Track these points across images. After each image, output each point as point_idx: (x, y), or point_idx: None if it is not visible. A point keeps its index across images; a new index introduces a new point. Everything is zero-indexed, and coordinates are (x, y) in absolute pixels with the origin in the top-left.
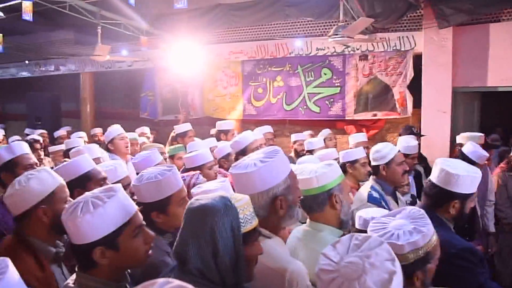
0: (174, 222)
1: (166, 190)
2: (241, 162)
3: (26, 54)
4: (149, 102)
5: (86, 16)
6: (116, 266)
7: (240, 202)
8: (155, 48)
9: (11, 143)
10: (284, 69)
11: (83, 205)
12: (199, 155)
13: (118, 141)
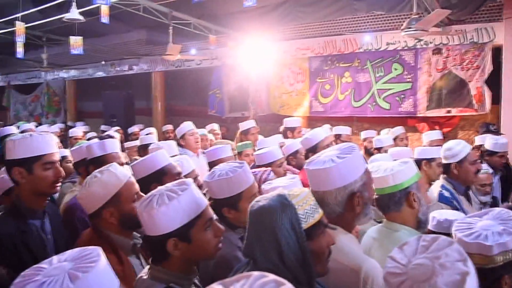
0: (245, 217)
1: (237, 187)
2: (317, 158)
3: (102, 55)
4: (217, 99)
5: (158, 17)
6: (187, 258)
7: (298, 198)
8: (223, 47)
9: (105, 141)
10: (353, 64)
11: (159, 197)
12: (269, 152)
13: (189, 137)
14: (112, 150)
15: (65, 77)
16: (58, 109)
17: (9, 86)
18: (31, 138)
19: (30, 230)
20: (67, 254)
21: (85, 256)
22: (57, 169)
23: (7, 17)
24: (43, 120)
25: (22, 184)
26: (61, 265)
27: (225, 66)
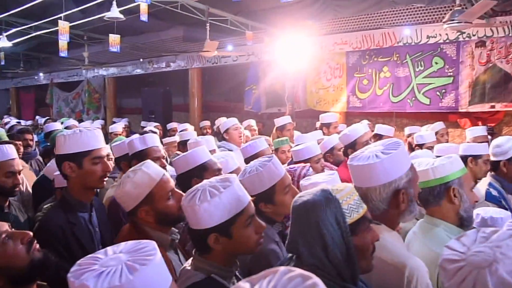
0: (282, 210)
1: (269, 180)
2: (361, 154)
3: (140, 52)
4: (253, 95)
5: (195, 14)
6: (228, 252)
7: (342, 192)
8: (260, 42)
9: (145, 135)
10: (391, 59)
11: (201, 193)
12: (306, 148)
13: (233, 131)
14: (153, 144)
15: (105, 75)
16: (98, 105)
17: (52, 84)
18: (80, 134)
19: (79, 222)
20: (122, 246)
21: (141, 249)
22: (105, 163)
23: (50, 17)
24: (84, 116)
25: (71, 178)
26: (117, 256)
27: (261, 62)
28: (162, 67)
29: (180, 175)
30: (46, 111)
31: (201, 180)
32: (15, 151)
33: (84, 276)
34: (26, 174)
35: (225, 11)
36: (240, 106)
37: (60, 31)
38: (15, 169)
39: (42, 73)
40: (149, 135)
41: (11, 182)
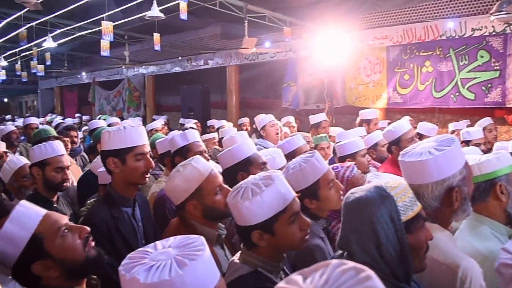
0: (327, 205)
1: (312, 176)
2: (413, 150)
3: (179, 50)
4: (291, 92)
5: (233, 11)
6: (273, 248)
7: (396, 189)
8: (298, 38)
9: (186, 131)
10: (434, 53)
11: (244, 191)
12: (351, 142)
13: (270, 128)
14: (194, 139)
15: (145, 73)
16: (138, 103)
17: (94, 83)
18: (125, 130)
19: (123, 217)
20: (171, 240)
21: (190, 244)
22: (148, 160)
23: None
24: (125, 114)
25: (115, 173)
26: (166, 250)
27: (299, 58)
28: (200, 64)
29: (226, 170)
30: (89, 109)
31: (247, 174)
32: (63, 147)
33: (134, 270)
34: (72, 169)
35: (263, 8)
36: (278, 103)
37: (103, 31)
38: (63, 164)
39: (84, 72)
40: (190, 131)
41: (60, 177)
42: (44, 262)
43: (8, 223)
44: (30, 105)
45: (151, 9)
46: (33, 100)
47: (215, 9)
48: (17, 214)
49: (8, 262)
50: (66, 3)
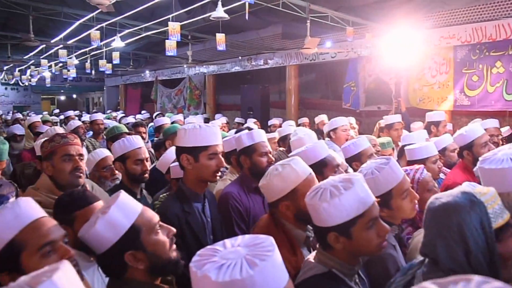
0: (399, 215)
1: (386, 185)
2: (493, 156)
3: (239, 50)
4: (352, 92)
5: (295, 11)
6: (349, 251)
7: (486, 196)
8: (360, 38)
9: (253, 131)
10: (506, 53)
11: (322, 192)
12: (423, 147)
13: (341, 132)
14: (260, 139)
15: (205, 72)
16: (198, 102)
17: (157, 81)
18: (200, 129)
19: (193, 212)
20: (240, 239)
21: (260, 244)
22: (220, 159)
23: (157, 18)
24: (185, 112)
25: (188, 170)
26: (236, 249)
27: (361, 58)
28: (260, 64)
29: None
30: (151, 106)
31: (321, 176)
32: (141, 140)
33: (206, 267)
34: None
35: (326, 7)
36: (338, 104)
37: (170, 32)
38: (142, 156)
39: (148, 71)
40: (256, 130)
41: (140, 169)
42: (136, 253)
43: (114, 208)
44: (96, 101)
45: (216, 10)
46: (99, 97)
47: (276, 9)
48: (122, 201)
49: (97, 247)
50: (134, 5)
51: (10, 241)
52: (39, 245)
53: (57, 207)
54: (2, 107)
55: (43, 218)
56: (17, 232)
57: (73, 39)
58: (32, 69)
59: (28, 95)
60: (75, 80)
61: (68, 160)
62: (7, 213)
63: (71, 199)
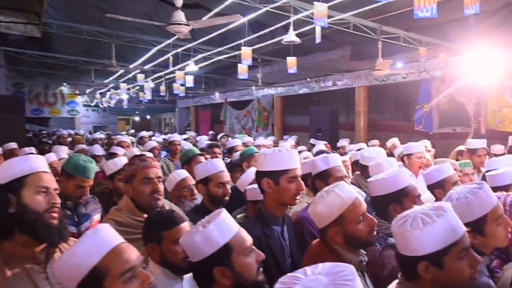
0: (492, 242)
1: (480, 209)
2: None
3: (307, 72)
4: (424, 114)
5: (366, 33)
6: (438, 282)
7: None
8: (433, 58)
9: (328, 155)
10: None
11: (413, 220)
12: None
13: (415, 159)
14: (335, 164)
15: (273, 94)
16: (266, 123)
17: (226, 103)
18: (279, 153)
19: (273, 235)
20: (320, 267)
21: (340, 273)
22: (299, 183)
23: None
24: (253, 133)
25: (268, 193)
26: (317, 277)
27: (434, 78)
28: (328, 86)
29: (376, 198)
30: (220, 127)
31: (400, 206)
32: (223, 164)
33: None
34: None
35: (397, 28)
36: (409, 125)
37: (242, 56)
38: (224, 180)
39: (217, 93)
40: (332, 155)
41: (222, 191)
42: (224, 269)
43: (212, 225)
44: (168, 122)
45: (288, 34)
46: (171, 118)
47: (346, 31)
48: (222, 220)
49: (192, 256)
50: (208, 31)
51: (93, 268)
52: (121, 271)
53: (147, 226)
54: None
55: (123, 244)
56: (99, 259)
57: (150, 64)
58: (112, 92)
59: (106, 116)
60: (149, 101)
61: (148, 183)
62: (88, 240)
63: (160, 220)
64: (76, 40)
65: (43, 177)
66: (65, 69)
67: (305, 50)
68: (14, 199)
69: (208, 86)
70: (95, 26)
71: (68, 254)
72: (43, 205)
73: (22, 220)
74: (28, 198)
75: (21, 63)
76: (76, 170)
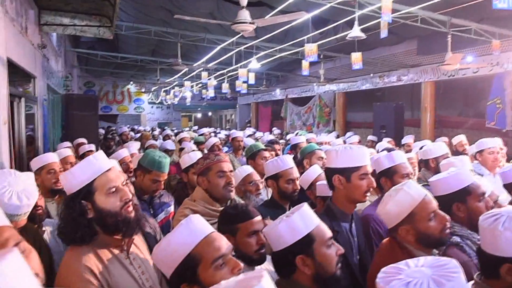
0: None
1: None
2: None
3: (371, 67)
4: (497, 110)
5: (435, 26)
6: None
7: None
8: (507, 51)
9: (392, 152)
10: None
11: (506, 219)
12: None
13: (487, 155)
14: (401, 161)
15: (335, 90)
16: (328, 119)
17: (287, 99)
18: (351, 150)
19: (342, 231)
20: (422, 260)
21: (444, 266)
22: (370, 179)
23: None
24: (314, 129)
25: (339, 190)
26: (420, 269)
27: (508, 72)
28: (392, 81)
29: (439, 197)
30: (280, 123)
31: (464, 205)
32: (292, 161)
33: (393, 283)
34: None
35: (468, 20)
36: (480, 122)
37: (306, 53)
38: (293, 176)
39: (278, 89)
40: (396, 152)
41: (291, 188)
42: (306, 258)
43: (296, 215)
44: (228, 118)
45: (353, 29)
46: (232, 114)
47: (412, 25)
48: (304, 211)
49: (275, 245)
50: (271, 28)
51: (188, 255)
52: (213, 259)
53: (222, 218)
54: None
55: (214, 233)
56: (193, 246)
57: (213, 62)
58: (176, 89)
59: (170, 112)
60: (211, 98)
61: (222, 176)
62: (183, 229)
63: (235, 212)
64: (143, 40)
65: (109, 176)
66: (132, 68)
67: (369, 45)
68: (89, 205)
69: (269, 82)
70: (162, 26)
71: (165, 243)
72: (118, 204)
73: (105, 224)
74: (102, 202)
75: (92, 63)
76: (153, 165)
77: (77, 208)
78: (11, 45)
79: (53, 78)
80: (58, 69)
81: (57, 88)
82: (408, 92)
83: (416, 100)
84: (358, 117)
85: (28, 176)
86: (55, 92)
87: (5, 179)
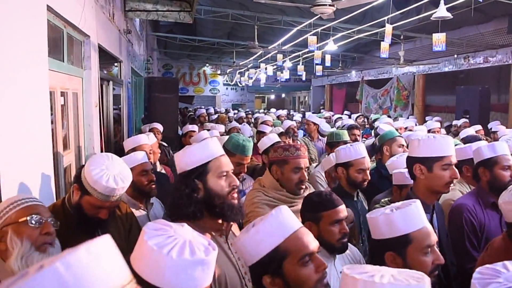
0: None
1: None
2: None
3: (454, 48)
4: None
5: None
6: None
7: None
8: None
9: (495, 143)
10: None
11: None
12: None
13: None
14: (503, 152)
15: (415, 72)
16: (405, 103)
17: (363, 81)
18: (434, 140)
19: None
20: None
21: None
22: (453, 170)
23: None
24: (391, 113)
25: (420, 179)
26: None
27: None
28: (478, 62)
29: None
30: (355, 106)
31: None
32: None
33: (491, 286)
34: None
35: None
36: None
37: (386, 34)
38: (365, 166)
39: (354, 71)
40: (499, 142)
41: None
42: (396, 257)
43: (398, 213)
44: (302, 100)
45: (438, 9)
46: (305, 96)
47: (503, 2)
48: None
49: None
50: (350, 9)
51: (276, 248)
52: (302, 255)
53: (306, 205)
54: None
55: (302, 229)
56: (282, 240)
57: (288, 44)
58: (251, 71)
59: (244, 94)
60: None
61: (297, 172)
62: (273, 220)
63: (320, 200)
64: (219, 23)
65: (222, 161)
66: (208, 51)
67: (453, 24)
68: (201, 184)
69: (345, 64)
70: (239, 10)
71: (253, 231)
72: (226, 188)
73: (212, 205)
74: (213, 183)
75: (170, 46)
76: (237, 149)
77: (190, 185)
78: (101, 32)
79: (136, 62)
80: (140, 52)
81: (139, 71)
82: (495, 74)
83: (505, 83)
84: (438, 101)
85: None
86: (137, 75)
87: (103, 163)
